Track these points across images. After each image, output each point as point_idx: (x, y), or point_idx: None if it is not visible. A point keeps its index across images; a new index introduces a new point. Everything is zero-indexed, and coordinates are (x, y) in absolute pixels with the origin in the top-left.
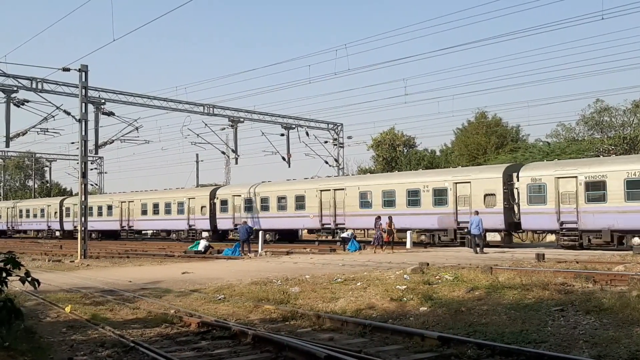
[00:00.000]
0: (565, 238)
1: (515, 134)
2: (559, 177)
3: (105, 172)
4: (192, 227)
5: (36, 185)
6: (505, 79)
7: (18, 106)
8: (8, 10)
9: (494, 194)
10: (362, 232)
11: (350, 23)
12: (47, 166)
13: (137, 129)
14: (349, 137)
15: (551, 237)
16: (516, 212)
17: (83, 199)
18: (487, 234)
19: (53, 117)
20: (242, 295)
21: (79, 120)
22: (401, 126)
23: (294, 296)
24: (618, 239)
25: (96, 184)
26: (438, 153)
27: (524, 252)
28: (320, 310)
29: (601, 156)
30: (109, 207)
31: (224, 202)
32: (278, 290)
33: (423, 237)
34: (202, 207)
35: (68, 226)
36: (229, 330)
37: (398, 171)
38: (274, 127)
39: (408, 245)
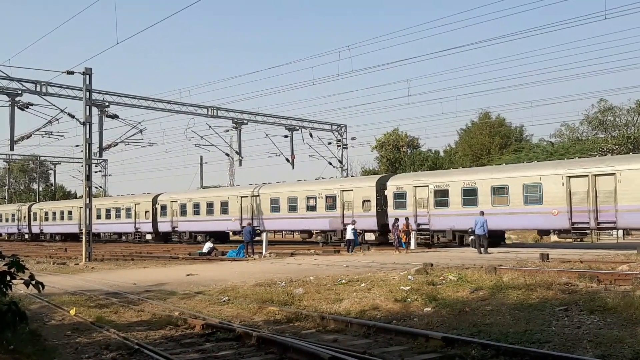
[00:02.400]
0: (421, 237)
1: (519, 134)
2: (415, 186)
3: (110, 175)
4: (138, 230)
5: (41, 189)
6: (508, 79)
7: (22, 109)
8: (12, 14)
9: (370, 200)
10: (273, 234)
11: (353, 25)
12: (51, 169)
13: (141, 131)
14: (353, 139)
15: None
16: (387, 215)
17: (87, 201)
18: (365, 233)
19: (57, 120)
20: (246, 296)
21: (83, 123)
22: (405, 127)
23: (298, 297)
24: (459, 237)
25: (101, 187)
26: (442, 153)
27: (528, 252)
28: (324, 312)
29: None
30: (70, 212)
31: (163, 207)
32: (282, 291)
33: (319, 237)
34: (145, 212)
35: (35, 229)
36: (234, 332)
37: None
38: (277, 129)
39: (412, 246)
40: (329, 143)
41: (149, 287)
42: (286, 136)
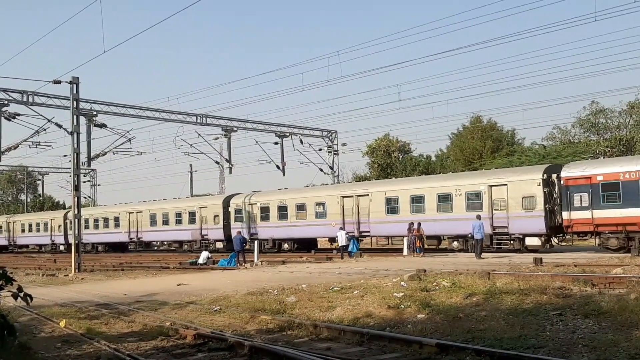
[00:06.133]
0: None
1: (511, 138)
2: (249, 204)
3: (99, 185)
4: (54, 242)
5: (29, 199)
6: (499, 83)
7: (9, 120)
8: None
9: (219, 215)
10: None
11: (342, 30)
12: (39, 180)
13: (129, 140)
14: (344, 144)
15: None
16: (230, 227)
17: (76, 211)
18: (215, 242)
19: (45, 130)
20: (238, 306)
21: (71, 133)
22: (396, 132)
23: (290, 306)
24: (278, 244)
25: (89, 197)
26: (433, 158)
27: (522, 257)
28: (317, 320)
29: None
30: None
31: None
32: (274, 300)
33: (186, 246)
34: (59, 226)
35: None
36: (226, 341)
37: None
38: (267, 136)
39: (405, 252)
40: (320, 149)
41: (140, 298)
42: (276, 143)
